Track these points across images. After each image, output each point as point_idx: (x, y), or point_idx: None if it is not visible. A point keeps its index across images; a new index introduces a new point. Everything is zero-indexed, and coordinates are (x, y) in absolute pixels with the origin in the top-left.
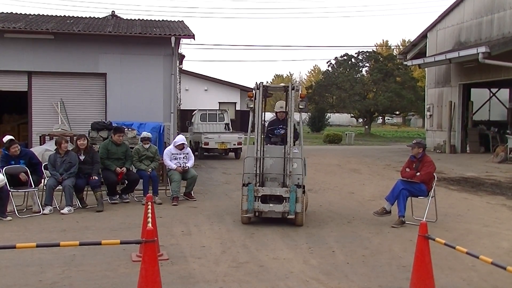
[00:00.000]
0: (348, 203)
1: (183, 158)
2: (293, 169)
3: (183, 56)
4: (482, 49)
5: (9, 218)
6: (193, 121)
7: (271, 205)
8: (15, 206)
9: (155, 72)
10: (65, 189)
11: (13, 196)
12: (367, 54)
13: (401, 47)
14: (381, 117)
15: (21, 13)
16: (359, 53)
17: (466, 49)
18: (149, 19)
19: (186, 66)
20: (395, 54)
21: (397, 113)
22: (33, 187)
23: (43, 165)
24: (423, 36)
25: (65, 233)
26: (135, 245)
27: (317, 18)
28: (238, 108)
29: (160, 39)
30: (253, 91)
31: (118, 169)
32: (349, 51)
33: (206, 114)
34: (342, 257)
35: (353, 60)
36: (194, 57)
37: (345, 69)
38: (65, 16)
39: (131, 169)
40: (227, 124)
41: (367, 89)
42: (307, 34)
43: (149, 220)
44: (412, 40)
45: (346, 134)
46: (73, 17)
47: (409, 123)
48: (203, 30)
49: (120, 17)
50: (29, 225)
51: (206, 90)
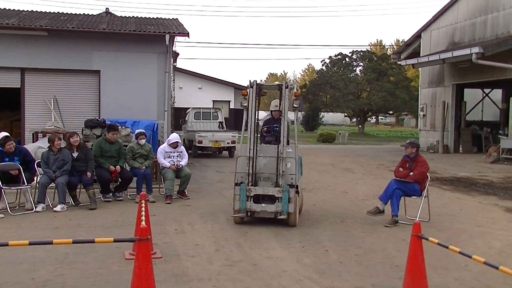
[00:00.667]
0: (341, 202)
1: (177, 156)
2: (286, 169)
3: (177, 54)
4: (475, 50)
5: (1, 215)
6: (187, 119)
7: (263, 205)
8: (8, 203)
9: (149, 69)
10: (58, 186)
11: (5, 193)
12: (361, 53)
13: (395, 46)
14: (374, 117)
15: (14, 9)
16: (353, 53)
17: (459, 50)
18: (143, 17)
19: (180, 64)
20: (389, 53)
21: (391, 112)
22: (26, 184)
23: (36, 162)
24: (417, 36)
25: (58, 230)
26: (128, 243)
27: (311, 17)
28: (232, 106)
29: (154, 37)
30: (247, 89)
31: (111, 167)
32: (343, 50)
33: (200, 112)
34: (335, 256)
35: (347, 59)
36: (188, 55)
37: (339, 68)
38: (59, 12)
39: (125, 167)
40: (221, 122)
41: (361, 89)
42: (302, 33)
43: (143, 218)
44: (406, 40)
45: (339, 133)
46: (67, 13)
47: (403, 122)
48: (198, 28)
49: (114, 14)
50: (22, 223)
51: (200, 88)
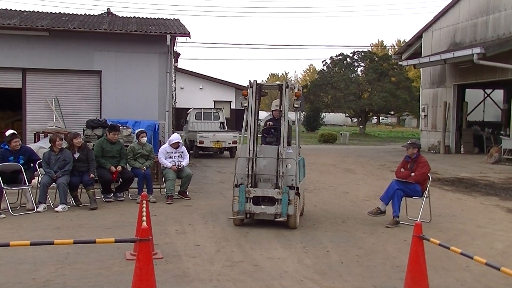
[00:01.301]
0: (342, 203)
1: (178, 156)
2: (286, 170)
3: (179, 54)
4: (477, 50)
5: (2, 215)
6: (188, 119)
7: (262, 206)
8: (9, 203)
9: (150, 70)
10: (59, 187)
11: (6, 193)
12: (362, 54)
13: (396, 47)
14: (375, 117)
15: (16, 10)
16: (354, 53)
17: (461, 50)
18: (144, 17)
19: (181, 64)
20: (390, 54)
21: (392, 113)
22: (27, 184)
23: (37, 162)
24: (418, 36)
25: (59, 231)
26: (129, 244)
27: (312, 17)
28: (233, 106)
29: (155, 37)
30: (247, 89)
31: (113, 167)
32: (345, 50)
33: (201, 112)
34: (336, 257)
35: (348, 60)
36: (189, 55)
37: (340, 69)
38: (60, 13)
39: (126, 167)
40: (222, 122)
41: (362, 89)
42: (303, 33)
43: (144, 218)
44: (407, 40)
45: (340, 133)
46: (68, 14)
47: (404, 123)
48: (199, 28)
49: (115, 14)
50: (23, 223)
51: (201, 88)
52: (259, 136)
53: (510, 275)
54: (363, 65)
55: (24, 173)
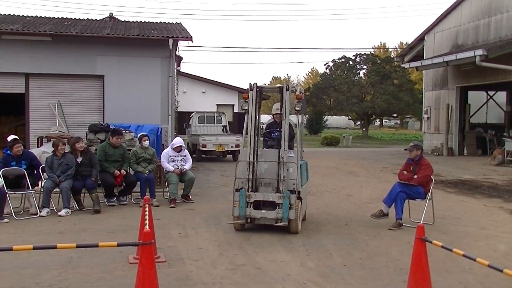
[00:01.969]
0: (345, 206)
1: (181, 160)
2: (287, 174)
3: (181, 58)
4: (479, 52)
5: (6, 220)
6: (190, 123)
7: (263, 211)
8: (12, 208)
9: (152, 74)
10: (62, 191)
11: (10, 198)
12: (365, 56)
13: (398, 49)
14: (378, 120)
15: (18, 15)
16: (356, 56)
17: (463, 52)
18: (147, 21)
19: (183, 68)
20: (392, 56)
21: (395, 115)
22: (30, 189)
23: (40, 167)
24: (421, 38)
25: (62, 235)
26: (132, 247)
27: (315, 20)
28: (236, 110)
29: (157, 41)
30: (247, 92)
31: (117, 171)
32: (347, 53)
33: (203, 116)
34: (339, 260)
35: (351, 62)
36: (192, 59)
37: (342, 72)
38: (62, 18)
39: (129, 171)
40: (224, 126)
41: (365, 92)
42: (305, 36)
43: (146, 222)
44: (409, 42)
45: (343, 136)
46: (71, 19)
47: (407, 125)
48: (201, 32)
49: (118, 19)
50: (26, 227)
51: (203, 92)
52: (261, 139)
53: None
54: (365, 67)
55: (27, 178)
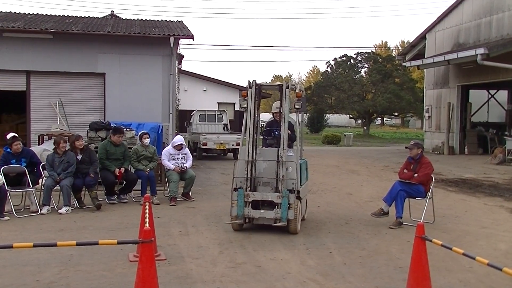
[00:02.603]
0: (346, 204)
1: (182, 158)
2: (287, 173)
3: (182, 56)
4: (480, 51)
5: (6, 217)
6: (191, 121)
7: (262, 211)
8: (13, 205)
9: (154, 72)
10: (63, 189)
11: (11, 195)
12: (366, 55)
13: (400, 48)
14: (379, 118)
15: (20, 13)
16: (358, 54)
17: (464, 51)
18: (148, 19)
19: (185, 66)
20: (394, 55)
21: (396, 114)
22: (31, 187)
23: (41, 164)
24: (422, 37)
25: (63, 233)
26: (132, 245)
27: (316, 19)
28: (237, 108)
29: (159, 39)
30: (246, 90)
31: (117, 169)
32: (348, 52)
33: (204, 114)
34: (339, 258)
35: (352, 61)
36: (193, 57)
37: (344, 70)
38: (64, 15)
39: (129, 169)
40: (225, 124)
41: (366, 90)
42: (306, 34)
43: (147, 220)
44: (411, 41)
45: (344, 135)
46: (72, 16)
47: (408, 124)
48: (202, 30)
49: (119, 17)
50: (27, 225)
51: (205, 90)
52: (260, 137)
53: None
54: (366, 66)
55: (28, 176)
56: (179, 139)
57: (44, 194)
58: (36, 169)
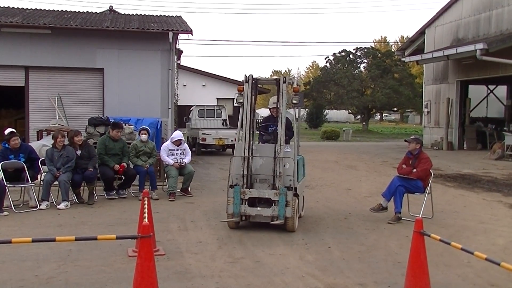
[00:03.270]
0: (344, 200)
1: (180, 154)
2: (284, 170)
3: (181, 51)
4: (480, 46)
5: (5, 213)
6: (190, 117)
7: (258, 208)
8: (12, 201)
9: (152, 67)
10: (61, 184)
11: (9, 191)
12: (365, 50)
13: (399, 43)
14: (378, 114)
15: (18, 7)
16: (357, 49)
17: (464, 46)
18: (146, 14)
19: (184, 61)
20: (393, 50)
21: (395, 109)
22: (30, 182)
23: (40, 160)
24: (421, 32)
25: (62, 228)
26: (131, 240)
27: (315, 14)
28: (235, 104)
29: (157, 34)
30: (243, 84)
31: (117, 166)
32: (347, 47)
33: (203, 110)
34: (338, 253)
35: (351, 56)
36: (192, 52)
37: (343, 65)
38: (62, 10)
39: (128, 164)
40: (224, 120)
41: (365, 86)
42: (305, 30)
43: (145, 215)
44: (410, 36)
45: (343, 130)
46: (71, 11)
47: (407, 119)
48: (201, 25)
49: (117, 12)
50: (26, 220)
51: (204, 85)
52: (252, 133)
53: (510, 271)
54: (366, 61)
55: (26, 171)
56: (178, 134)
57: (43, 189)
58: (34, 165)
